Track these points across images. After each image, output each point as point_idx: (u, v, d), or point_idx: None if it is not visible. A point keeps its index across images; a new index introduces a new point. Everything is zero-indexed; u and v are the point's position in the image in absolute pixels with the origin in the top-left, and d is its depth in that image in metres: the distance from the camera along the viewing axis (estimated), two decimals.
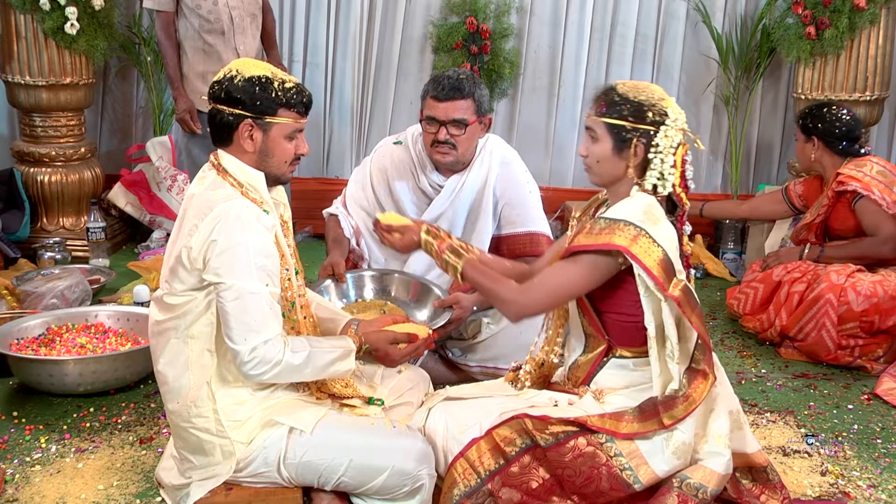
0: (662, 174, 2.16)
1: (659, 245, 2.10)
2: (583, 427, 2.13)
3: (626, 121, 2.16)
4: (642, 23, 4.92)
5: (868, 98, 4.31)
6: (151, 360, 3.11)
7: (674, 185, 2.18)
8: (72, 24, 4.29)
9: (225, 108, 2.14)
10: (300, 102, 2.17)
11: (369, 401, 2.37)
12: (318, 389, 2.30)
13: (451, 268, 2.27)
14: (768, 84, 4.96)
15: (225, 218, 2.07)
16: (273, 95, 2.13)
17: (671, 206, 2.23)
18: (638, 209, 2.14)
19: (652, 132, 2.15)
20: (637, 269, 2.09)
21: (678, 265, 2.14)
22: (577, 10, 4.91)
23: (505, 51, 4.80)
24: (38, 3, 4.22)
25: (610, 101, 2.18)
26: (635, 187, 2.18)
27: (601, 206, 2.33)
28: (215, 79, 2.19)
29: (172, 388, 2.20)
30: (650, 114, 2.15)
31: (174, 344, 2.18)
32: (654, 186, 2.17)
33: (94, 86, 4.67)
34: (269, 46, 4.40)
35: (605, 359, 2.27)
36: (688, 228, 2.26)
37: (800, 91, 4.44)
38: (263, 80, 2.14)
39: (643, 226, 2.10)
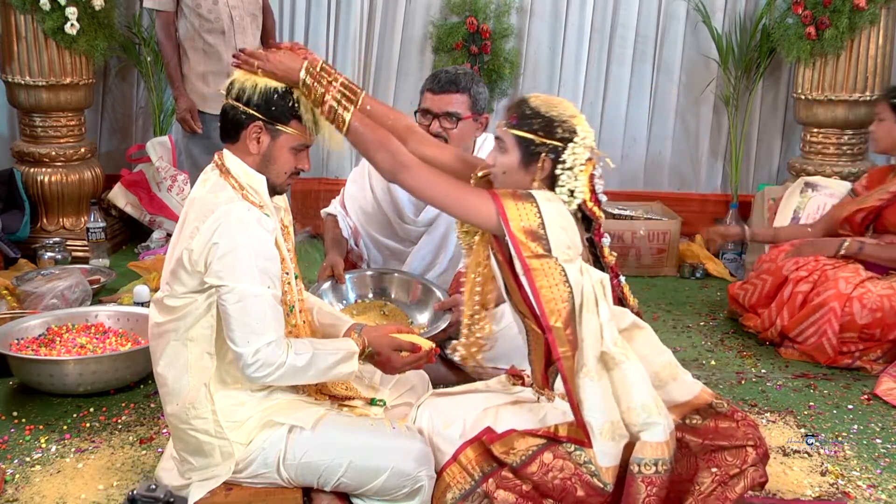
0: (572, 191, 2.16)
1: (540, 217, 2.09)
2: (550, 439, 2.13)
3: (535, 135, 2.15)
4: (642, 23, 4.92)
5: (868, 98, 4.31)
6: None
7: (584, 201, 2.17)
8: (72, 25, 4.29)
9: (240, 105, 2.16)
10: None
11: (371, 402, 2.38)
12: (318, 391, 2.30)
13: (339, 118, 2.17)
14: (768, 84, 4.96)
15: (226, 220, 2.07)
16: (290, 105, 2.16)
17: (587, 222, 2.23)
18: (545, 193, 2.14)
19: (560, 148, 2.15)
20: (502, 227, 2.08)
21: (559, 250, 2.10)
22: (577, 10, 4.91)
23: (505, 51, 4.80)
24: (39, 4, 4.23)
25: (521, 114, 2.18)
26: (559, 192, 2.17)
27: None
28: (233, 76, 2.20)
29: (172, 389, 2.21)
30: (560, 130, 2.15)
31: (174, 346, 2.18)
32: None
33: (94, 86, 4.68)
34: (268, 47, 4.40)
35: (553, 362, 2.24)
36: (606, 240, 2.26)
37: (800, 91, 4.44)
38: (283, 89, 2.16)
39: (537, 197, 2.11)
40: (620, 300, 2.28)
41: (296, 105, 2.16)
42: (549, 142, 2.15)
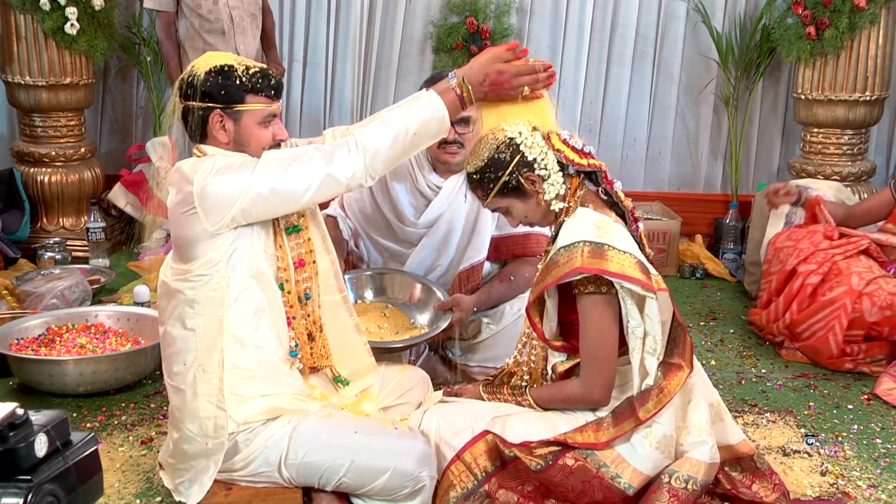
0: (549, 176, 2.18)
1: (626, 252, 2.10)
2: (564, 445, 2.13)
3: (500, 179, 2.19)
4: (642, 23, 4.92)
5: (868, 98, 4.31)
6: (151, 359, 3.10)
7: (575, 163, 2.19)
8: (72, 24, 4.29)
9: (195, 103, 2.14)
10: (268, 86, 2.15)
11: (335, 379, 2.35)
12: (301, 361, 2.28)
13: (526, 401, 2.28)
14: (768, 84, 4.96)
15: (201, 168, 2.08)
16: (238, 83, 2.12)
17: (592, 176, 2.25)
18: (588, 224, 2.14)
19: (521, 160, 2.18)
20: (620, 283, 2.08)
21: (646, 262, 2.15)
22: (577, 11, 4.90)
23: None
24: (38, 3, 4.23)
25: (477, 183, 2.24)
26: (554, 205, 2.20)
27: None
28: (180, 77, 2.18)
29: (179, 349, 2.18)
30: (504, 154, 2.18)
31: (182, 307, 2.16)
32: (559, 187, 2.20)
33: (94, 86, 4.68)
34: (267, 47, 4.41)
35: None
36: (618, 185, 2.27)
37: (800, 91, 4.44)
38: (226, 68, 2.13)
39: (602, 240, 2.10)
40: (640, 247, 2.28)
41: (243, 79, 2.12)
42: (510, 167, 2.18)
